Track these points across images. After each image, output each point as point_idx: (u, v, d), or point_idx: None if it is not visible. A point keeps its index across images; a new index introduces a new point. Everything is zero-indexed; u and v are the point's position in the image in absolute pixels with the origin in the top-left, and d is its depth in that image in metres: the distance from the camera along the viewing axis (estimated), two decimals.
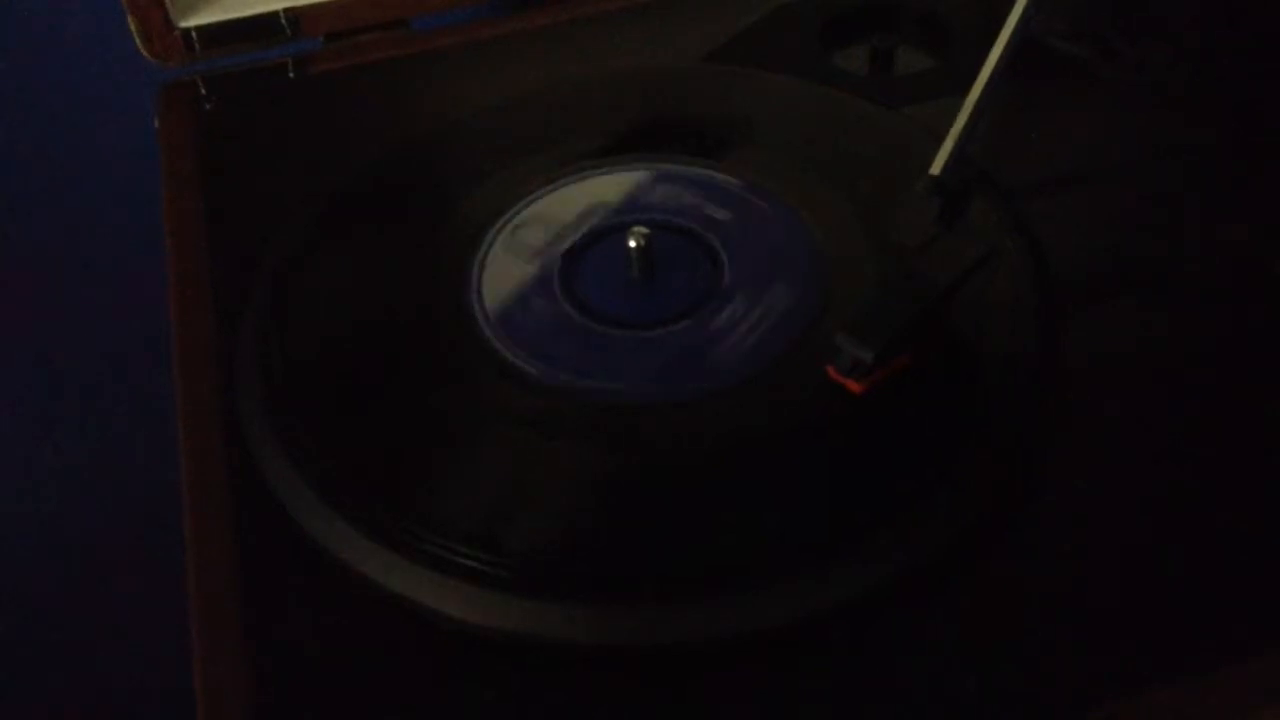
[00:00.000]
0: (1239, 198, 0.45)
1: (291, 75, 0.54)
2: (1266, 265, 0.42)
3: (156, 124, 0.52)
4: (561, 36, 0.54)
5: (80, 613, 0.62)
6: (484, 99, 0.51)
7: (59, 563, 0.62)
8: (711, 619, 0.33)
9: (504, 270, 0.43)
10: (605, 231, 0.44)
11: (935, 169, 0.42)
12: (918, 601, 0.34)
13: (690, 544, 0.35)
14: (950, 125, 0.44)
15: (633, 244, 0.41)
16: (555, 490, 0.36)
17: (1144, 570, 0.35)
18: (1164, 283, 0.42)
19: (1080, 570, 0.35)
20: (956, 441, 0.36)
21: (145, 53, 0.53)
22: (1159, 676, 0.32)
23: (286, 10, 0.54)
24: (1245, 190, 0.45)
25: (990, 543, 0.35)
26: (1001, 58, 0.45)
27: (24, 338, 0.64)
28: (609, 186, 0.46)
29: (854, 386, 0.37)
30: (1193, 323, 0.41)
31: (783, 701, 0.33)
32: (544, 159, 0.47)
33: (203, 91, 0.53)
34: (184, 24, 0.53)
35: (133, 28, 0.52)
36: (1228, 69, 0.50)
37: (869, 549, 0.34)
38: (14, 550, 0.62)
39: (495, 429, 0.38)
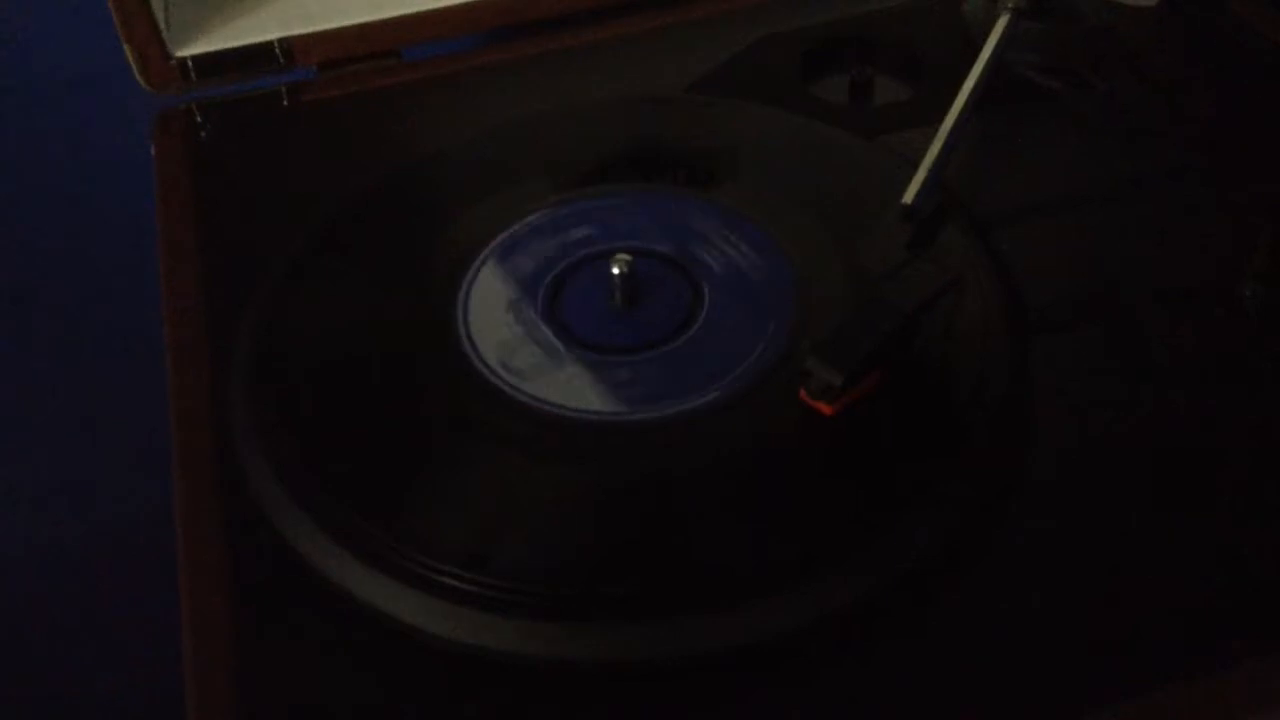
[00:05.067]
0: (1205, 225, 0.46)
1: (285, 104, 0.55)
2: (1232, 289, 0.43)
3: (153, 150, 0.53)
4: (548, 67, 0.56)
5: (68, 627, 0.63)
6: (472, 128, 0.52)
7: (47, 577, 0.63)
8: (691, 635, 0.34)
9: (492, 295, 0.44)
10: (590, 258, 0.45)
11: (907, 197, 0.44)
12: (894, 619, 0.35)
13: (673, 561, 0.36)
14: (925, 154, 0.45)
15: (616, 270, 0.43)
16: (541, 511, 0.38)
17: (1112, 586, 0.35)
18: (1132, 308, 0.43)
19: (1047, 586, 0.35)
20: (927, 462, 0.37)
21: (142, 81, 0.54)
22: (1146, 684, 0.33)
23: (280, 40, 0.55)
24: (1211, 218, 0.46)
25: (958, 563, 0.36)
26: (974, 89, 0.46)
27: (15, 354, 0.64)
28: (593, 214, 0.47)
29: (825, 409, 0.38)
30: (1161, 346, 0.42)
31: (768, 716, 0.33)
32: (530, 187, 0.48)
33: (198, 119, 0.54)
34: (180, 53, 0.54)
35: (130, 57, 0.53)
36: (1196, 100, 0.51)
37: (841, 568, 0.35)
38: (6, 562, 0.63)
39: (481, 451, 0.39)
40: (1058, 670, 0.34)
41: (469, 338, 0.42)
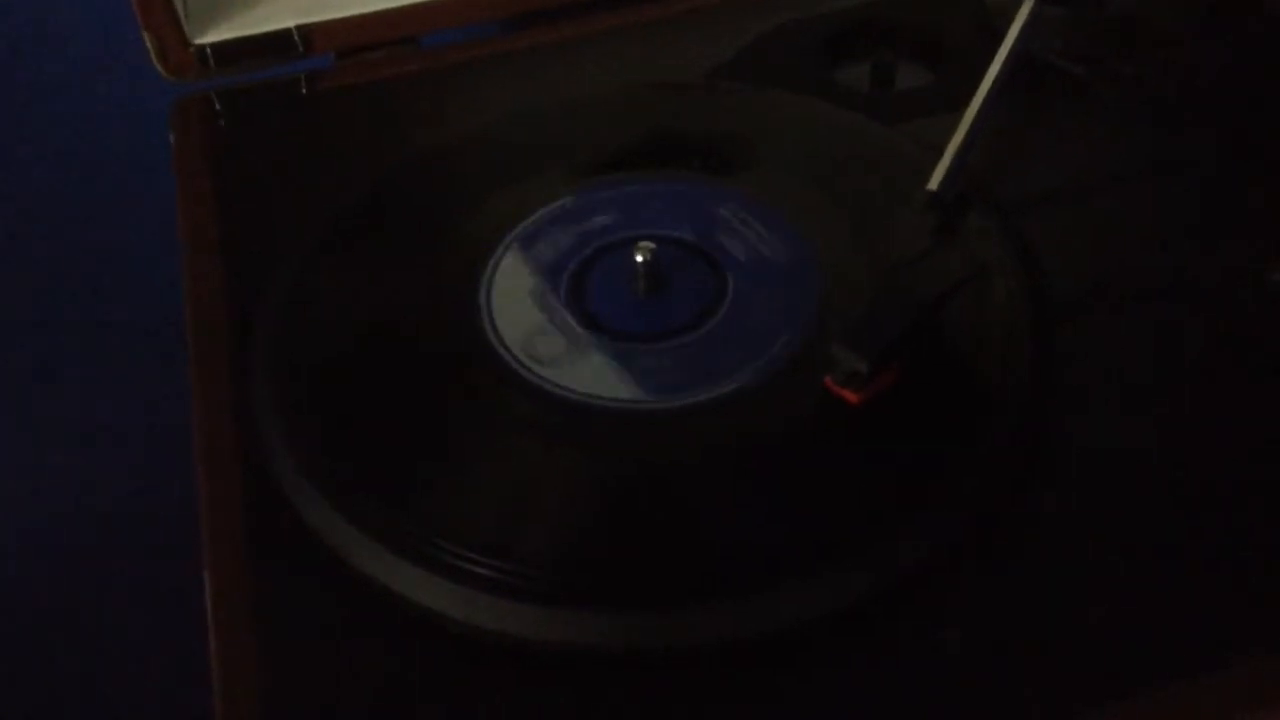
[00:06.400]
0: (1235, 212, 0.45)
1: (303, 91, 0.55)
2: (1261, 276, 0.42)
3: (172, 139, 0.53)
4: (567, 53, 0.55)
5: (89, 616, 0.63)
6: (491, 115, 0.52)
7: (68, 566, 0.63)
8: (712, 623, 0.34)
9: (515, 282, 0.44)
10: (612, 246, 0.45)
11: (932, 184, 0.43)
12: (912, 610, 0.35)
13: (693, 550, 0.36)
14: (948, 141, 0.44)
15: (639, 258, 0.42)
16: (563, 498, 0.37)
17: (1133, 579, 0.35)
18: (1159, 296, 0.43)
19: (1070, 579, 0.35)
20: (951, 452, 0.37)
21: (161, 69, 0.54)
22: (1149, 682, 0.33)
23: (299, 27, 0.55)
24: (1241, 205, 0.46)
25: (981, 552, 0.36)
26: (999, 75, 0.46)
27: (35, 345, 0.65)
28: (616, 201, 0.47)
29: (851, 397, 0.38)
30: (1188, 335, 0.41)
31: (783, 705, 0.33)
32: (551, 174, 0.48)
33: (217, 107, 0.54)
34: (199, 41, 0.54)
35: (148, 45, 0.53)
36: (1223, 86, 0.51)
37: (864, 557, 0.35)
38: (21, 552, 0.63)
39: (504, 438, 0.39)
40: (1058, 670, 0.33)
41: (492, 325, 0.42)
